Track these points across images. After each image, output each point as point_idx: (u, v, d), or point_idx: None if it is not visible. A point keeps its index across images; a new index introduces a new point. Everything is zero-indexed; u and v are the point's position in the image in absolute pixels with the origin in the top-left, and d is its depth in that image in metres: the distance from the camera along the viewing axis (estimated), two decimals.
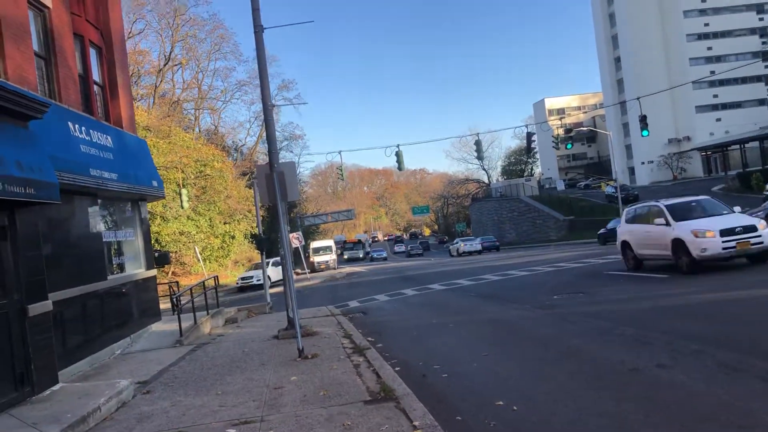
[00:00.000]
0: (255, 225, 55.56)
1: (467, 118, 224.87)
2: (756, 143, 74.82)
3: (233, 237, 49.94)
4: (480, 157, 36.51)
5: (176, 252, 41.68)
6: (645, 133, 34.52)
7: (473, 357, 9.17)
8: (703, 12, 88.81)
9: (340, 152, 34.09)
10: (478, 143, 33.82)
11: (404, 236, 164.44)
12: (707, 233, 14.94)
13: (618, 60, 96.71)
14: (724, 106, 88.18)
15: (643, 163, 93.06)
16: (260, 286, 34.79)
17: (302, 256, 44.68)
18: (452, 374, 8.24)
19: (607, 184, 76.60)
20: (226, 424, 6.70)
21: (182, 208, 39.07)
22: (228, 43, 60.86)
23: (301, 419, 6.54)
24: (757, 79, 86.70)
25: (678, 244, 15.57)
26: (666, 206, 16.70)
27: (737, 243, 14.75)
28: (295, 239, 40.31)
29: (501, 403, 6.57)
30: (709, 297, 11.84)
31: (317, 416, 6.59)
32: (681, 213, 16.32)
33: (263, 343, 12.52)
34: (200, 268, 42.80)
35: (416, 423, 5.97)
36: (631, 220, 18.53)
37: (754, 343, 7.65)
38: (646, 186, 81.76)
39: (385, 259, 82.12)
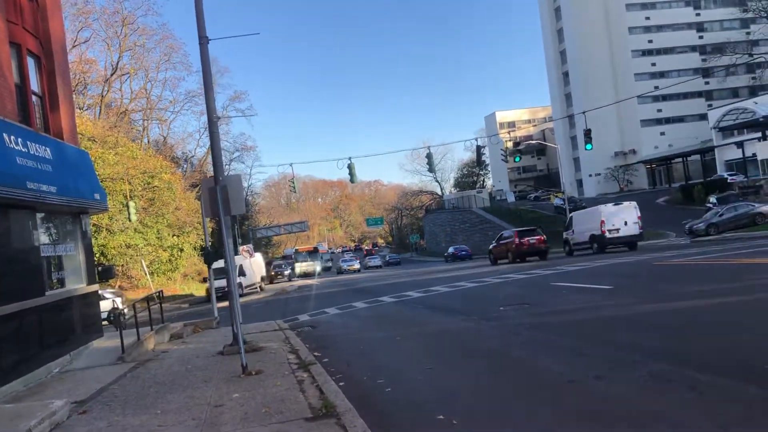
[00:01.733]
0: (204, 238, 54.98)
1: (421, 130, 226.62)
2: (698, 156, 77.52)
3: (182, 250, 49.11)
4: (431, 170, 36.71)
5: (123, 265, 40.78)
6: (588, 146, 35.39)
7: (418, 370, 9.18)
8: (647, 29, 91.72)
9: (291, 164, 33.87)
10: (429, 156, 34.10)
11: (363, 248, 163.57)
12: None
13: (566, 74, 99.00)
14: (668, 121, 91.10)
15: (590, 175, 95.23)
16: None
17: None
18: (396, 389, 8.23)
19: (556, 196, 78.09)
20: None
21: (129, 220, 38.23)
22: (178, 53, 60.27)
23: None
24: (698, 94, 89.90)
25: None
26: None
27: None
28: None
29: (441, 417, 6.59)
30: (647, 308, 12.14)
31: None
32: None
33: (207, 360, 12.31)
34: (147, 281, 41.94)
35: None
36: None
37: (687, 352, 7.87)
38: (594, 198, 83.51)
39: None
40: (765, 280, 14.07)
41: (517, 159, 49.34)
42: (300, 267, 70.37)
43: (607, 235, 30.82)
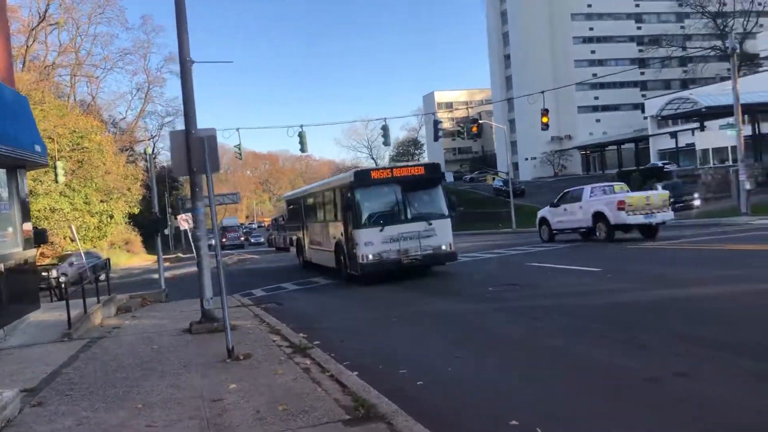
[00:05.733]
0: (133, 205, 51.87)
1: (357, 107, 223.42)
2: (632, 145, 79.17)
3: (111, 216, 46.00)
4: (387, 143, 35.28)
5: (47, 231, 37.69)
6: (545, 128, 34.88)
7: (443, 360, 7.95)
8: (589, 17, 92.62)
9: (237, 129, 31.76)
10: (385, 128, 32.70)
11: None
12: None
13: (508, 57, 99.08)
14: (604, 108, 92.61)
15: (526, 159, 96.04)
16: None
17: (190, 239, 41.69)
18: (429, 382, 6.96)
19: (494, 178, 78.18)
20: None
21: (56, 182, 35.21)
22: (114, 7, 55.97)
23: None
24: (634, 84, 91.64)
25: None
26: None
27: None
28: (184, 221, 37.62)
29: (515, 422, 5.37)
30: (660, 294, 11.31)
31: None
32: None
33: (174, 339, 10.69)
34: (74, 248, 39.02)
35: None
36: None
37: None
38: (530, 181, 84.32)
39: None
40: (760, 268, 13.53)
41: (472, 136, 48.55)
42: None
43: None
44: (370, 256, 16.71)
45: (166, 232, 42.14)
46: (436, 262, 17.72)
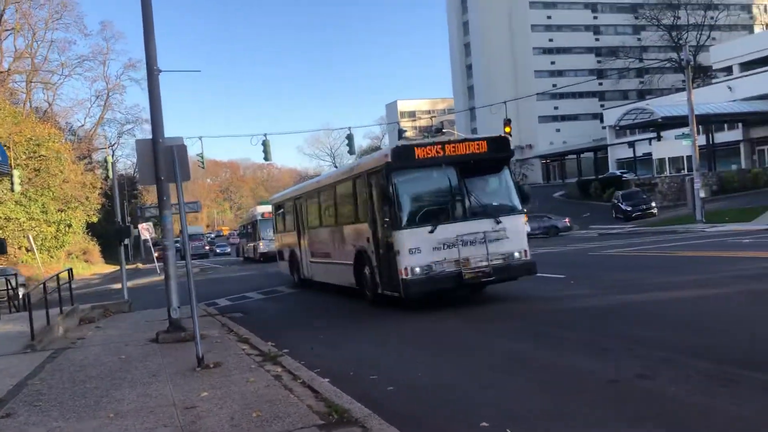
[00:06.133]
0: (92, 213, 50.90)
1: (320, 116, 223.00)
2: (591, 154, 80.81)
3: (69, 225, 45.09)
4: (351, 152, 35.34)
5: (5, 241, 36.78)
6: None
7: (411, 365, 8.10)
8: (548, 28, 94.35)
9: (200, 138, 31.57)
10: (350, 137, 32.87)
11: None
12: None
13: (470, 67, 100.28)
14: (563, 118, 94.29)
15: None
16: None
17: (152, 248, 41.18)
18: (401, 387, 7.10)
19: None
20: None
21: (12, 191, 34.44)
22: (71, 13, 54.91)
23: None
24: (593, 94, 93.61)
25: None
26: None
27: None
28: (145, 230, 37.22)
29: (486, 424, 5.54)
30: (623, 299, 11.66)
31: None
32: None
33: (142, 348, 10.62)
34: (31, 258, 38.18)
35: None
36: None
37: None
38: None
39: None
40: (727, 273, 14.04)
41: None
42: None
43: None
44: (417, 269, 11.93)
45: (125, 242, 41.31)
46: (508, 277, 12.80)
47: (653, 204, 42.48)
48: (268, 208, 34.40)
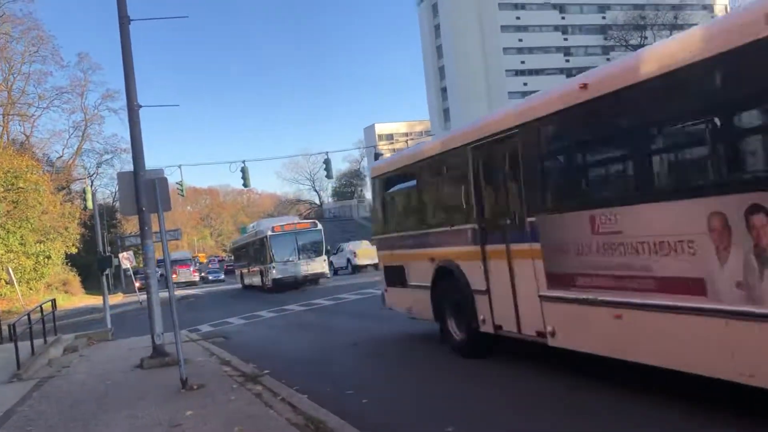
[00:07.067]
0: (71, 244, 50.80)
1: (299, 140, 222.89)
2: None
3: (49, 257, 45.00)
4: (329, 176, 35.83)
5: None
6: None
7: (386, 381, 8.61)
8: (520, 50, 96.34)
9: (180, 166, 31.98)
10: (327, 162, 33.45)
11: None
12: None
13: (444, 90, 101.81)
14: None
15: None
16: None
17: (132, 277, 41.16)
18: (374, 400, 7.59)
19: None
20: None
21: None
22: (48, 46, 55.02)
23: None
24: None
25: None
26: None
27: None
28: (126, 259, 37.27)
29: (451, 429, 6.05)
30: None
31: None
32: None
33: (127, 375, 10.99)
34: (10, 291, 38.04)
35: None
36: None
37: None
38: None
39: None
40: None
41: None
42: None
43: None
44: None
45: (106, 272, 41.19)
46: None
47: None
48: (278, 222, 30.68)
